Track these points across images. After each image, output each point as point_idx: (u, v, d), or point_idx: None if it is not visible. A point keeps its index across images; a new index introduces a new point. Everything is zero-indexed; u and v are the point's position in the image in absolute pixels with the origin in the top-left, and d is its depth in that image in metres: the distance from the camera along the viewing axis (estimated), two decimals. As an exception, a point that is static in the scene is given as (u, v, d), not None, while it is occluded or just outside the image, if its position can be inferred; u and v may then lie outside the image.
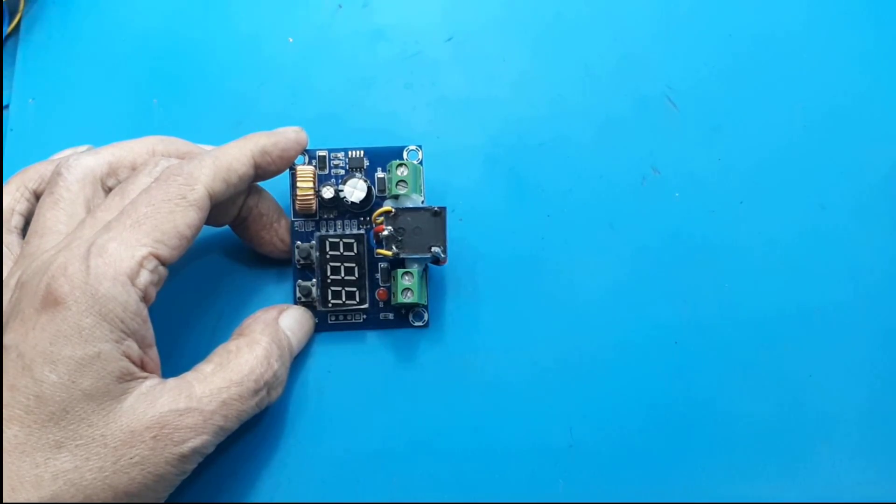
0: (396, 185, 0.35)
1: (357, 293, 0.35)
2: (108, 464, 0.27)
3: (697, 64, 0.41)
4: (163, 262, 0.29)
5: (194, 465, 0.29)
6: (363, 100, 0.40)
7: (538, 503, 0.34)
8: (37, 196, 0.34)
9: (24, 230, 0.34)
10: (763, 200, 0.38)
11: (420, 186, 0.36)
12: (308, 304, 0.36)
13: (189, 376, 0.30)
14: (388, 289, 0.36)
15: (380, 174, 0.37)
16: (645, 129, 0.40)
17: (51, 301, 0.27)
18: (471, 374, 0.36)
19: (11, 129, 0.40)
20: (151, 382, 0.29)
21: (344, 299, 0.35)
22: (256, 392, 0.31)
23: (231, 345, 0.32)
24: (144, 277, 0.29)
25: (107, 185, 0.33)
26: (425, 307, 0.36)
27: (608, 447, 0.35)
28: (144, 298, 0.29)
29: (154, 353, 0.30)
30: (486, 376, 0.36)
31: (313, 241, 0.36)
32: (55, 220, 0.31)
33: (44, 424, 0.27)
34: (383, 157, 0.37)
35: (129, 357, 0.28)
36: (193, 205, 0.30)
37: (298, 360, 0.36)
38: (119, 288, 0.28)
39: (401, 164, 0.35)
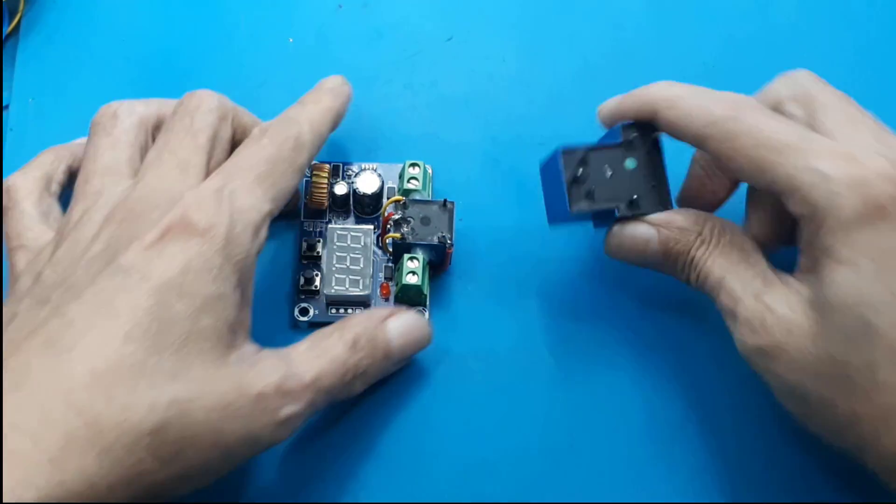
0: (408, 181, 0.36)
1: (360, 281, 0.35)
2: (216, 406, 0.27)
3: (697, 64, 0.41)
4: (272, 216, 0.30)
5: (284, 437, 0.29)
6: (363, 100, 0.40)
7: (538, 503, 0.34)
8: (72, 173, 0.34)
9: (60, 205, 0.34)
10: (763, 200, 0.38)
11: (429, 194, 0.37)
12: (311, 292, 0.36)
13: (285, 350, 0.30)
14: (392, 285, 0.36)
15: (390, 184, 0.38)
16: (645, 129, 0.40)
17: (183, 230, 0.27)
18: (471, 374, 0.36)
19: (11, 129, 0.40)
20: (254, 347, 0.29)
21: (347, 286, 0.35)
22: (343, 375, 0.31)
23: (327, 329, 0.32)
24: (264, 233, 0.30)
25: (154, 136, 0.33)
26: (426, 307, 0.36)
27: (608, 447, 0.35)
28: (258, 252, 0.30)
29: (250, 311, 0.30)
30: (486, 376, 0.36)
31: (319, 238, 0.37)
32: (116, 160, 0.32)
33: (162, 350, 0.26)
34: (395, 173, 0.38)
35: (240, 307, 0.29)
36: (299, 170, 0.32)
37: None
38: (248, 236, 0.29)
39: (414, 164, 0.36)
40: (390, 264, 0.36)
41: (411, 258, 0.35)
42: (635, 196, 0.32)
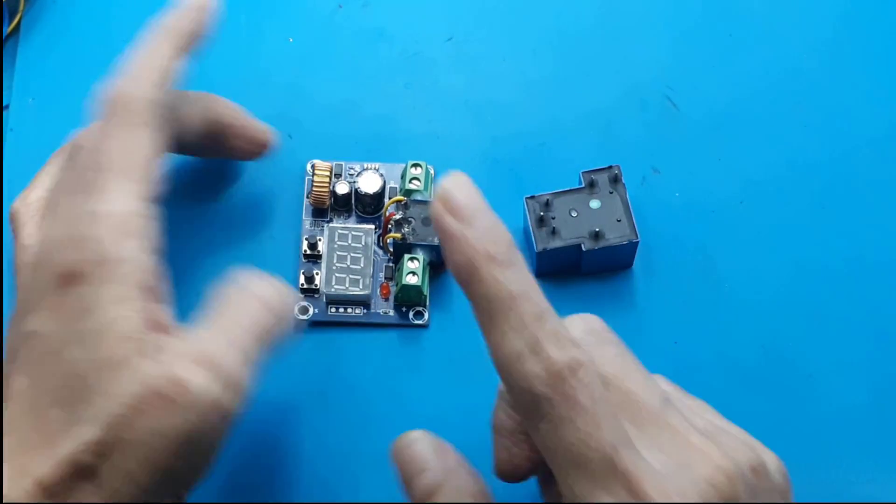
0: (410, 181, 0.36)
1: (361, 281, 0.35)
2: (133, 409, 0.26)
3: (697, 64, 0.41)
4: (153, 200, 0.29)
5: (225, 426, 0.27)
6: (363, 99, 0.40)
7: (538, 503, 0.34)
8: None
9: None
10: (763, 200, 0.39)
11: (431, 194, 0.37)
12: (311, 290, 0.36)
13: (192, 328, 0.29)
14: (392, 285, 0.36)
15: (392, 184, 0.38)
16: (645, 129, 0.40)
17: (67, 278, 0.27)
18: (471, 374, 0.36)
19: (11, 129, 0.40)
20: (163, 340, 0.28)
21: (347, 286, 0.35)
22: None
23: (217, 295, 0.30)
24: (148, 227, 0.28)
25: None
26: (426, 306, 0.36)
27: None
28: (153, 249, 0.28)
29: (168, 308, 0.29)
30: (486, 376, 0.36)
31: (321, 237, 0.36)
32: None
33: (75, 405, 0.26)
34: (396, 173, 0.38)
35: (145, 318, 0.27)
36: (139, 126, 0.30)
37: (298, 361, 0.35)
38: (129, 247, 0.27)
39: (416, 164, 0.36)
40: (391, 264, 0.36)
41: (412, 258, 0.35)
42: (598, 229, 0.35)
